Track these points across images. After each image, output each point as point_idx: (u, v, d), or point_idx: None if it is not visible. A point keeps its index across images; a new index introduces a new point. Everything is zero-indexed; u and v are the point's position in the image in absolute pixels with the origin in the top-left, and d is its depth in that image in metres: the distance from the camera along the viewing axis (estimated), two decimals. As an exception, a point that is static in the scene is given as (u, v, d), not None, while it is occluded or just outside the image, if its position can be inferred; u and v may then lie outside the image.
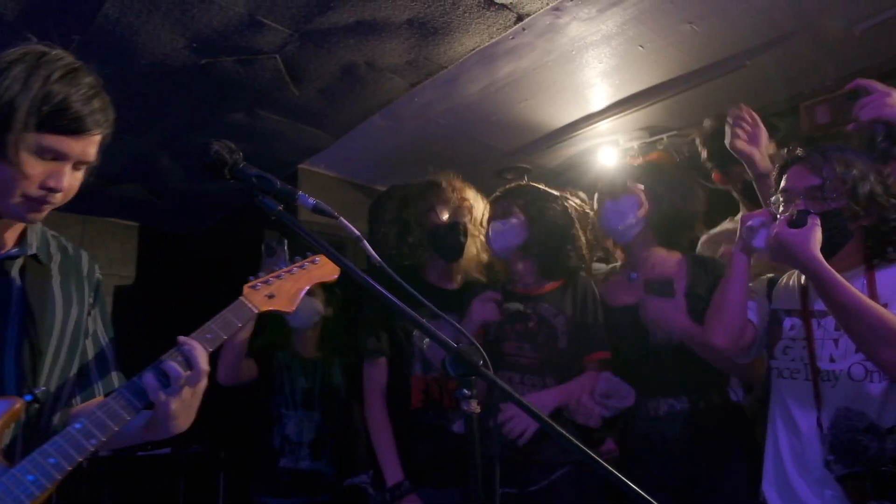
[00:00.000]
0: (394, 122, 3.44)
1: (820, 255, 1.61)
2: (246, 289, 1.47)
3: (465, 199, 2.54)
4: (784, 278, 1.95)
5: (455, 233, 2.47)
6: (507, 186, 2.53)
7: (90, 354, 1.44)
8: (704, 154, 2.72)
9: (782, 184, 1.81)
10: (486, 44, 2.74)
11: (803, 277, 1.84)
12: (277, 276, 1.52)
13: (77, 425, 1.15)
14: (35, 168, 1.19)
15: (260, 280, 1.49)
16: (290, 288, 1.53)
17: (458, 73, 2.99)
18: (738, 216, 2.68)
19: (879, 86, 1.85)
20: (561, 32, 2.70)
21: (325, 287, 3.08)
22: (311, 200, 1.23)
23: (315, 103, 3.18)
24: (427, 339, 2.44)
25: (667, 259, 2.37)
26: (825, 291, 1.61)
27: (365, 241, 1.24)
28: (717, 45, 2.84)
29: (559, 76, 3.05)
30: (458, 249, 2.47)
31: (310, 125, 3.42)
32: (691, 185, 2.45)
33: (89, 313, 1.44)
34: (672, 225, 2.36)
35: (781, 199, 1.79)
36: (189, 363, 1.26)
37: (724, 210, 2.83)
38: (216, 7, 2.39)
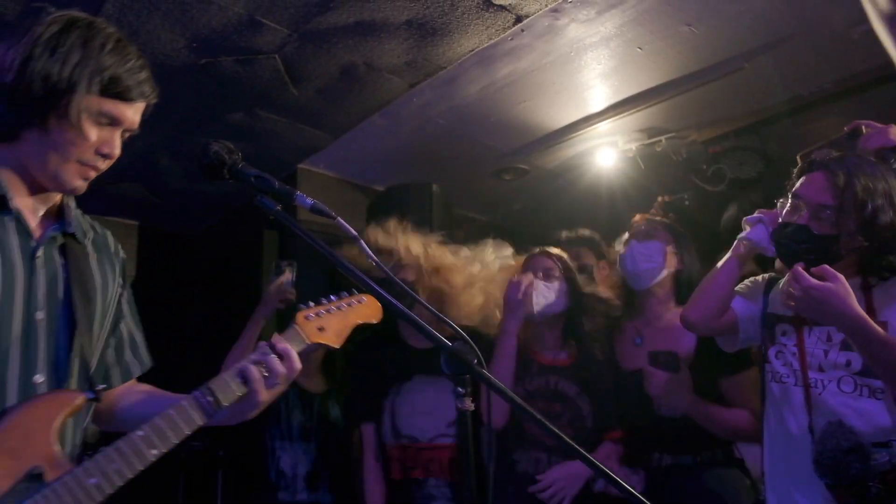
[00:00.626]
0: (393, 122, 3.44)
1: (861, 311, 1.53)
2: (299, 317, 1.48)
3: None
4: (784, 282, 1.94)
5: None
6: (544, 249, 2.51)
7: (125, 335, 1.44)
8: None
9: (796, 186, 1.76)
10: (485, 45, 2.75)
11: None
12: (328, 310, 1.54)
13: (140, 432, 1.15)
14: (92, 133, 1.21)
15: (312, 310, 1.50)
16: (338, 324, 1.55)
17: (457, 74, 3.00)
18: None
19: (876, 125, 1.87)
20: (560, 34, 2.70)
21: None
22: (310, 200, 1.25)
23: (314, 103, 3.19)
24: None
25: (676, 327, 2.29)
26: (870, 350, 1.55)
27: (362, 242, 1.25)
28: (715, 47, 2.84)
29: (558, 77, 3.06)
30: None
31: (309, 125, 3.42)
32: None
33: (121, 293, 1.44)
34: (691, 289, 2.32)
35: (790, 203, 1.76)
36: (287, 360, 1.32)
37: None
38: (215, 7, 2.39)
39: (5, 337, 1.12)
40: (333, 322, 1.53)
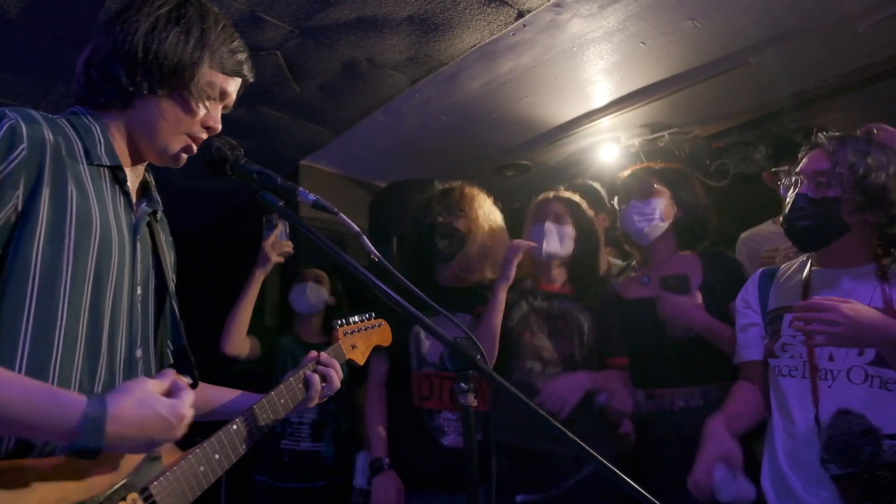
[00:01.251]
0: (394, 118, 3.44)
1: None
2: (340, 333, 1.61)
3: (462, 203, 2.54)
4: (784, 270, 1.93)
5: (430, 233, 2.50)
6: (556, 193, 2.54)
7: (177, 312, 1.44)
8: (769, 151, 2.73)
9: (798, 167, 1.81)
10: (487, 40, 2.74)
11: (804, 272, 1.82)
12: (359, 329, 1.69)
13: (233, 427, 1.20)
14: (204, 107, 1.23)
15: (350, 327, 1.66)
16: (364, 344, 1.70)
17: (459, 70, 2.99)
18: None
19: (889, 129, 1.87)
20: (562, 29, 2.69)
21: (330, 277, 3.14)
22: (312, 196, 1.25)
23: (316, 100, 3.18)
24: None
25: (682, 258, 2.43)
26: None
27: (364, 237, 1.25)
28: (719, 42, 2.83)
29: (560, 73, 3.05)
30: (438, 249, 2.49)
31: (311, 121, 3.42)
32: (706, 197, 2.51)
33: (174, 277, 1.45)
34: (693, 231, 2.43)
35: (791, 181, 1.79)
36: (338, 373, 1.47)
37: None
38: (216, 3, 2.38)
39: (117, 310, 1.12)
40: (361, 341, 1.68)
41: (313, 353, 1.47)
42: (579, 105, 3.38)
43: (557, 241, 2.40)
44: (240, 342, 2.84)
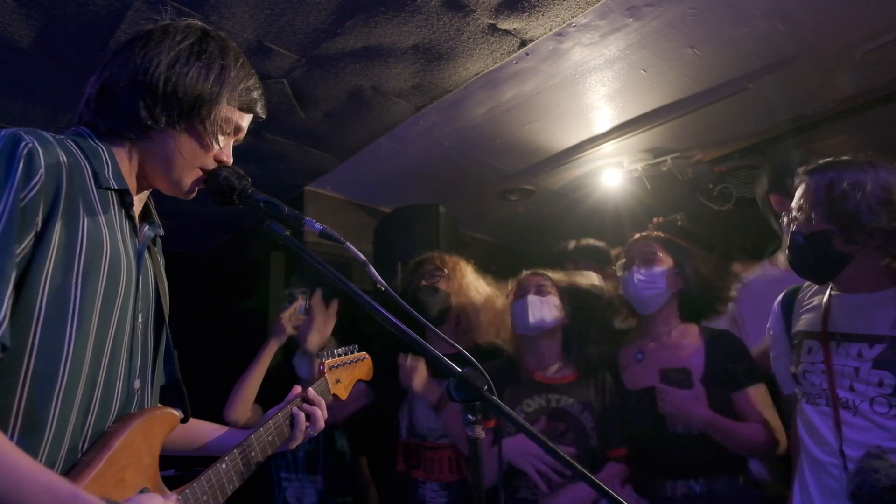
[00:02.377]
0: (399, 144, 3.47)
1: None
2: (326, 367, 1.61)
3: (442, 266, 2.65)
4: (805, 293, 1.91)
5: (416, 300, 2.57)
6: (535, 270, 2.54)
7: (171, 342, 1.42)
8: (765, 183, 2.72)
9: (792, 204, 1.81)
10: (491, 68, 2.78)
11: (825, 297, 1.80)
12: (343, 363, 1.68)
13: (221, 465, 1.20)
14: (220, 141, 1.25)
15: (335, 360, 1.65)
16: (347, 378, 1.69)
17: (463, 97, 3.03)
18: (779, 259, 2.66)
19: None
20: (564, 57, 2.73)
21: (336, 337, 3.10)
22: (319, 226, 1.26)
23: (321, 126, 3.22)
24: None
25: (682, 335, 2.35)
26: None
27: (370, 267, 1.25)
28: (719, 69, 2.86)
29: (563, 99, 3.09)
30: (429, 312, 2.54)
31: (316, 148, 3.45)
32: (716, 267, 2.47)
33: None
34: (695, 305, 2.37)
35: (786, 219, 1.80)
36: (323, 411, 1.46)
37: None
38: (224, 33, 2.42)
39: (119, 338, 1.10)
40: (345, 376, 1.67)
41: (298, 389, 1.45)
42: (582, 131, 3.41)
43: (541, 311, 2.36)
44: (245, 411, 2.74)
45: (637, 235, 2.54)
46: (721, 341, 2.29)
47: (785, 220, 1.80)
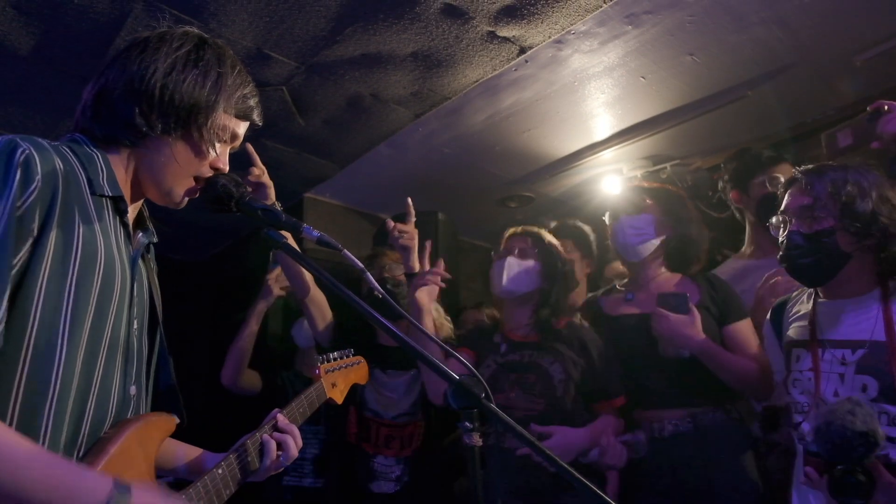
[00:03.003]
0: (398, 151, 3.47)
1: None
2: (322, 371, 1.61)
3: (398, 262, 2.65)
4: (794, 301, 1.91)
5: (388, 287, 2.62)
6: (525, 228, 2.53)
7: (166, 347, 1.39)
8: (726, 176, 2.74)
9: (783, 205, 1.81)
10: (490, 76, 2.78)
11: (811, 304, 1.81)
12: (339, 367, 1.69)
13: (199, 484, 1.17)
14: (216, 149, 1.24)
15: (331, 365, 1.66)
16: (343, 382, 1.70)
17: (462, 104, 3.03)
18: (745, 251, 2.69)
19: None
20: (563, 64, 2.73)
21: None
22: (316, 233, 1.25)
23: (321, 133, 3.22)
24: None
25: (671, 280, 2.40)
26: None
27: (368, 274, 1.25)
28: (718, 76, 2.87)
29: (562, 106, 3.09)
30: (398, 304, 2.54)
31: (315, 155, 3.46)
32: (700, 220, 2.49)
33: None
34: (685, 253, 2.40)
35: (780, 220, 1.79)
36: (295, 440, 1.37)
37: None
38: (224, 40, 2.42)
39: (115, 345, 1.10)
40: (341, 379, 1.67)
41: (273, 413, 1.38)
42: (581, 138, 3.41)
43: (515, 277, 2.35)
44: (241, 375, 2.86)
45: (628, 184, 2.57)
46: (711, 279, 2.36)
47: (774, 220, 1.80)
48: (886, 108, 1.90)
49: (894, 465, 1.52)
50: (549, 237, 2.49)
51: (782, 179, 2.39)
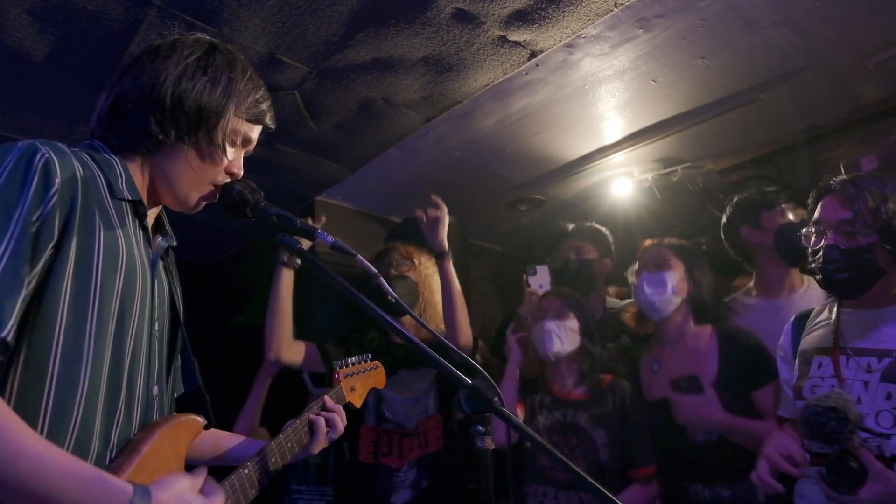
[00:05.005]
0: (409, 154, 3.48)
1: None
2: (341, 375, 1.65)
3: (412, 258, 2.74)
4: (817, 311, 1.90)
5: (390, 283, 2.58)
6: (552, 290, 2.59)
7: (190, 350, 1.43)
8: (726, 222, 2.73)
9: (815, 215, 1.79)
10: (501, 79, 2.79)
11: (834, 314, 1.80)
12: (357, 371, 1.72)
13: (244, 471, 1.23)
14: (230, 153, 1.26)
15: (349, 370, 1.69)
16: (361, 387, 1.74)
17: (473, 108, 3.04)
18: (752, 290, 2.68)
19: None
20: (574, 68, 2.74)
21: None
22: (331, 238, 1.26)
23: (332, 137, 3.24)
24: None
25: (700, 335, 2.36)
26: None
27: (382, 279, 1.26)
28: (729, 79, 2.86)
29: (573, 110, 3.09)
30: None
31: (327, 158, 3.47)
32: (714, 277, 2.49)
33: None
34: (705, 308, 2.39)
35: (813, 230, 1.78)
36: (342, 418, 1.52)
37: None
38: (237, 46, 2.45)
39: (138, 346, 1.12)
40: (359, 384, 1.71)
41: (316, 401, 1.50)
42: (592, 141, 3.41)
43: (560, 340, 2.38)
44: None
45: (648, 242, 2.56)
46: (735, 340, 2.30)
47: (805, 231, 1.79)
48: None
49: (888, 459, 1.52)
50: (572, 292, 2.55)
51: (792, 215, 2.41)
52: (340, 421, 1.48)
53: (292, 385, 3.21)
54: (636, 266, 2.48)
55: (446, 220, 2.43)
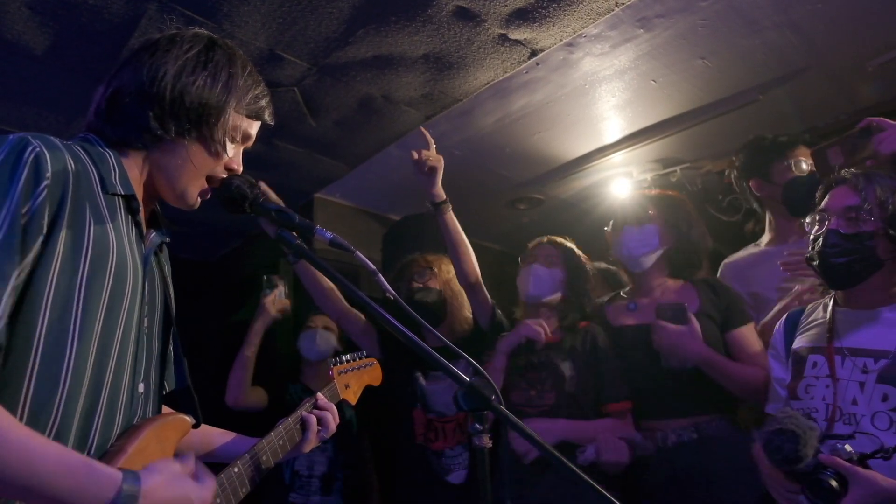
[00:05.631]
0: (408, 152, 3.46)
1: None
2: (335, 372, 1.66)
3: (432, 266, 2.74)
4: (809, 311, 1.90)
5: (410, 301, 2.63)
6: (551, 238, 2.59)
7: (180, 348, 1.41)
8: (738, 165, 2.70)
9: (822, 204, 1.79)
10: (501, 78, 2.79)
11: (829, 312, 1.80)
12: (352, 368, 1.73)
13: (234, 469, 1.23)
14: (229, 149, 1.25)
15: (344, 366, 1.70)
16: (356, 384, 1.74)
17: (473, 106, 3.04)
18: (763, 239, 2.67)
19: (889, 122, 1.86)
20: (574, 67, 2.73)
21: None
22: (329, 235, 1.25)
23: (332, 134, 3.23)
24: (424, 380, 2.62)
25: (673, 287, 2.40)
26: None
27: (380, 276, 1.25)
28: (729, 80, 2.86)
29: (572, 109, 3.09)
30: (428, 311, 2.61)
31: (326, 155, 3.47)
32: (702, 224, 2.48)
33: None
34: (685, 260, 2.40)
35: (817, 217, 1.77)
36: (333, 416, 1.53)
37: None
38: (237, 41, 2.45)
39: (126, 342, 1.10)
40: (354, 381, 1.71)
41: (309, 399, 1.51)
42: (591, 140, 3.41)
43: (543, 285, 2.42)
44: (244, 394, 2.92)
45: (631, 194, 2.57)
46: (712, 285, 2.35)
47: (809, 218, 1.79)
48: (875, 125, 1.89)
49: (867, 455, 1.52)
50: (574, 247, 2.54)
51: (804, 164, 2.41)
52: (332, 419, 1.48)
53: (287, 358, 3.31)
54: (618, 219, 2.49)
55: (442, 166, 2.45)
